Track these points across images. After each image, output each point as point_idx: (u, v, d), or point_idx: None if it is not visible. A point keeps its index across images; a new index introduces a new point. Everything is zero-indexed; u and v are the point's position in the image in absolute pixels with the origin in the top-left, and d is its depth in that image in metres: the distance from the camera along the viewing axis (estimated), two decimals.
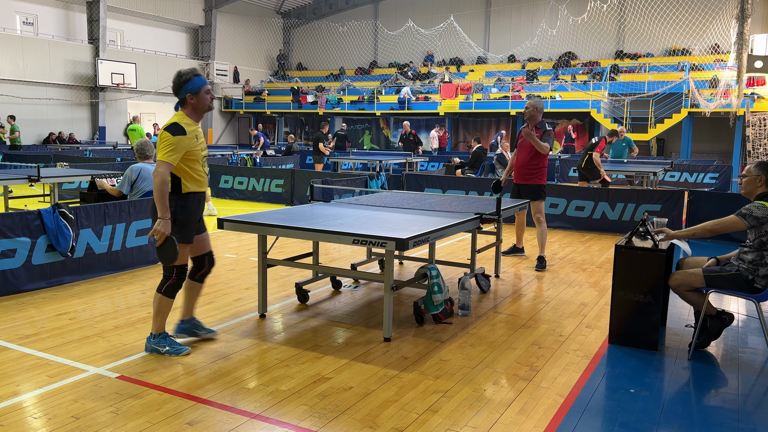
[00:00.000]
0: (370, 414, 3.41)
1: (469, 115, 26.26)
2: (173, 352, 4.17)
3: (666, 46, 25.35)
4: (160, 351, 4.18)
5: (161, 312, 4.18)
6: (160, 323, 4.20)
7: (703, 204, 9.12)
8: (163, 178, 3.90)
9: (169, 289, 4.14)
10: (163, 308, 4.17)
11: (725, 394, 3.79)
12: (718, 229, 4.25)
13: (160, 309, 4.17)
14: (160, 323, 4.20)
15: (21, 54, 22.65)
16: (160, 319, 4.19)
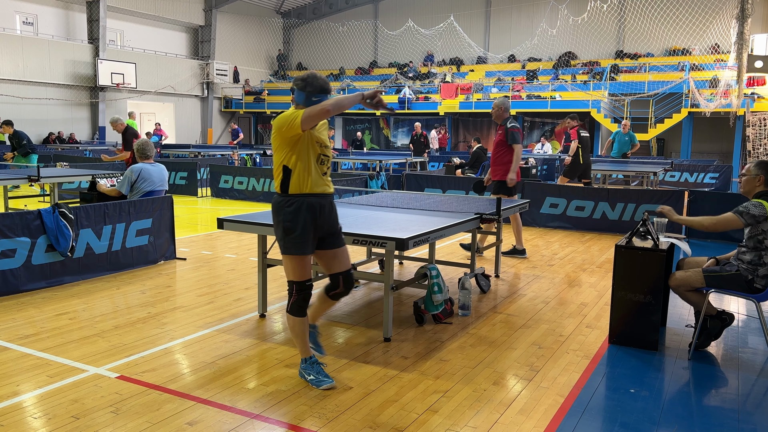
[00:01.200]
0: (370, 414, 3.41)
1: (469, 115, 26.27)
2: (315, 383, 3.71)
3: (666, 46, 25.35)
4: (305, 378, 3.77)
5: (296, 333, 3.76)
6: (301, 346, 3.79)
7: (703, 204, 9.12)
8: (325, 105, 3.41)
9: (294, 308, 3.70)
10: (296, 329, 3.74)
11: (725, 394, 3.79)
12: (717, 226, 4.26)
13: (292, 330, 3.77)
14: (300, 346, 3.79)
15: (21, 54, 22.65)
16: (299, 342, 3.78)
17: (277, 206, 3.66)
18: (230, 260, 7.29)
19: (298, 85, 3.61)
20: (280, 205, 3.65)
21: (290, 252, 3.62)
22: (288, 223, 3.60)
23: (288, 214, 3.60)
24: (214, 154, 18.39)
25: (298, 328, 3.74)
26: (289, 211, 3.60)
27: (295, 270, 3.65)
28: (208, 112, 30.50)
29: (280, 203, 3.65)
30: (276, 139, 3.60)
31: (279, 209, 3.65)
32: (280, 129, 3.55)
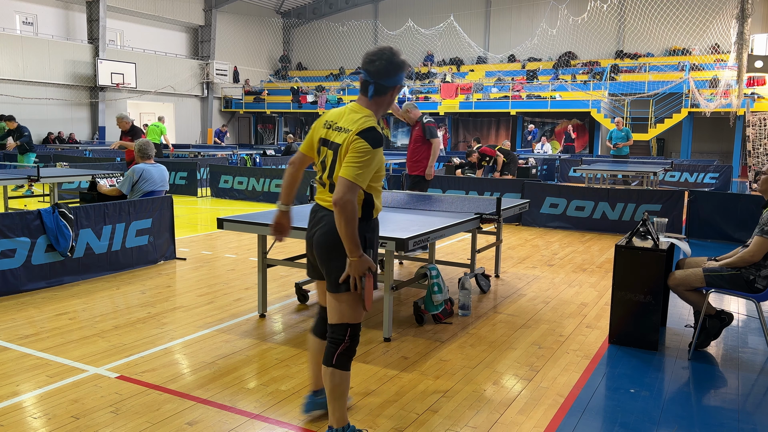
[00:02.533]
0: (370, 414, 3.41)
1: (469, 115, 26.27)
2: None
3: (666, 46, 25.36)
4: None
5: (342, 393, 2.92)
6: (342, 411, 2.94)
7: (704, 204, 9.11)
8: (355, 207, 2.73)
9: (344, 359, 2.90)
10: (344, 388, 2.92)
11: (725, 394, 3.78)
12: (755, 256, 4.17)
13: (338, 389, 2.90)
14: (342, 411, 2.94)
15: (21, 54, 22.66)
16: (341, 404, 2.93)
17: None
18: (230, 260, 7.28)
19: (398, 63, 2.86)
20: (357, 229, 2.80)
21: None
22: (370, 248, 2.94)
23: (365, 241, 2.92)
24: (214, 154, 18.39)
25: (345, 386, 2.93)
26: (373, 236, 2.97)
27: (358, 307, 2.91)
28: (208, 112, 30.51)
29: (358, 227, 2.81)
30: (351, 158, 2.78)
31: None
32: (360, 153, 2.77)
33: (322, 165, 2.97)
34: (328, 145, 2.94)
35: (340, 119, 2.92)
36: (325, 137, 2.97)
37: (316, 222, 2.96)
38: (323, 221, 2.92)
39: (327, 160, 2.94)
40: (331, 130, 2.94)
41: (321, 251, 2.91)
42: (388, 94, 2.93)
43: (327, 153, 2.93)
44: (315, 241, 2.93)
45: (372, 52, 2.88)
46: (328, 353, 2.91)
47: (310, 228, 3.01)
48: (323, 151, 2.97)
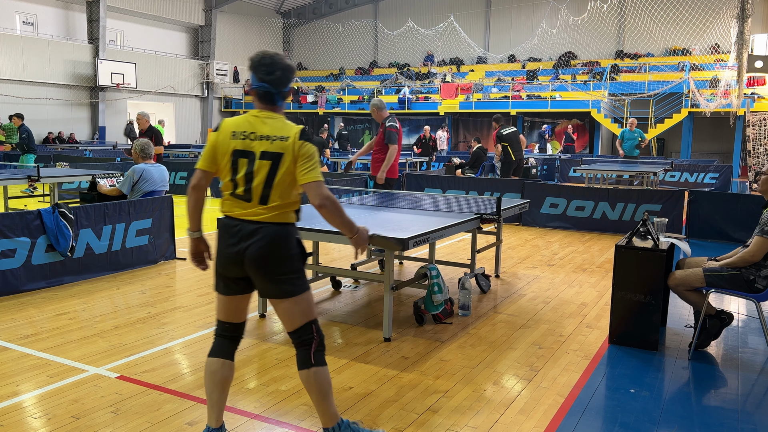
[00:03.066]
0: (370, 414, 3.41)
1: (469, 115, 26.27)
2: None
3: (666, 46, 25.36)
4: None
5: (329, 390, 2.93)
6: (333, 408, 2.94)
7: (704, 204, 9.11)
8: (335, 198, 2.86)
9: (320, 355, 2.93)
10: (329, 383, 2.94)
11: (725, 394, 3.78)
12: (755, 256, 4.16)
13: (324, 386, 2.91)
14: (332, 408, 2.94)
15: (21, 54, 22.66)
16: (330, 401, 2.93)
17: (291, 237, 2.90)
18: None
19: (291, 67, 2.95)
20: (293, 234, 2.91)
21: (307, 286, 2.96)
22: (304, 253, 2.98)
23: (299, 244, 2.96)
24: None
25: (329, 379, 2.94)
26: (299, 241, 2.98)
27: (312, 304, 2.98)
28: (208, 112, 30.52)
29: (293, 233, 2.91)
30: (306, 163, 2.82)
31: (293, 240, 2.90)
32: (311, 156, 2.83)
33: (248, 177, 2.82)
34: (258, 157, 2.81)
35: (257, 129, 2.84)
36: (248, 149, 2.83)
37: (246, 236, 2.81)
38: (257, 234, 2.80)
39: (260, 170, 2.81)
40: (251, 140, 2.83)
41: (263, 263, 2.81)
42: (287, 98, 2.97)
43: (260, 164, 2.81)
44: (251, 255, 2.80)
45: (266, 62, 2.86)
46: (303, 357, 2.89)
47: (235, 244, 2.83)
48: (244, 163, 2.83)
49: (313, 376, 2.88)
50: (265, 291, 2.91)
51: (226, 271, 2.91)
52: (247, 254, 2.82)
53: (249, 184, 2.83)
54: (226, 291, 2.95)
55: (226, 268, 2.90)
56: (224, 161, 2.87)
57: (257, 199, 2.83)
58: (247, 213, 2.84)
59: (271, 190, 2.82)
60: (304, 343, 2.90)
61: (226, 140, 2.87)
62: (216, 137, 2.91)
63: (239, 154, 2.84)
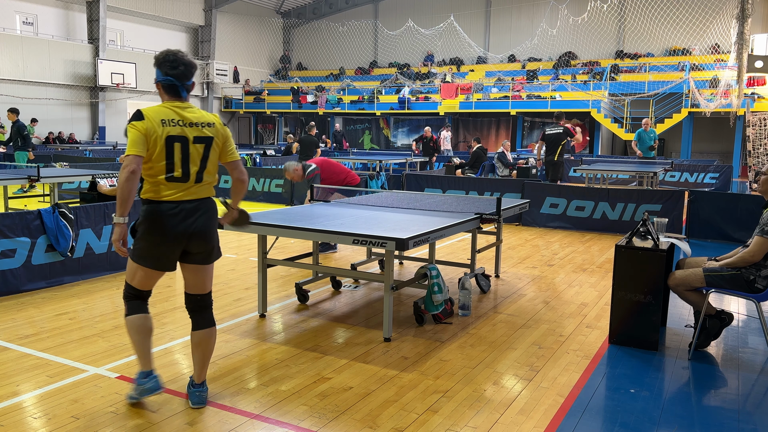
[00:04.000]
0: (370, 414, 3.41)
1: (469, 115, 26.26)
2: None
3: (666, 46, 25.35)
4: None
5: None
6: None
7: (704, 204, 9.11)
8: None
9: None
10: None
11: (725, 394, 3.78)
12: (755, 256, 4.15)
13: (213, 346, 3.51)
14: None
15: (21, 54, 22.66)
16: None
17: (216, 207, 3.40)
18: (230, 260, 7.28)
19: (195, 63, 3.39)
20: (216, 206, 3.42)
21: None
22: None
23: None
24: None
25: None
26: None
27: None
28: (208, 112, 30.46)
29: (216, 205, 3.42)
30: (231, 145, 3.39)
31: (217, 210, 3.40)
32: (231, 139, 3.41)
33: (184, 160, 3.17)
34: (192, 141, 3.19)
35: (183, 117, 3.20)
36: (182, 134, 3.17)
37: (190, 213, 3.21)
38: (200, 209, 3.26)
39: (194, 154, 3.20)
40: (182, 127, 3.17)
41: (207, 236, 3.29)
42: (190, 91, 3.34)
43: (194, 147, 3.20)
44: (200, 229, 3.24)
45: (170, 59, 3.21)
46: (208, 317, 3.39)
47: (179, 223, 3.18)
48: (178, 148, 3.15)
49: (213, 335, 3.41)
50: (203, 259, 3.34)
51: (168, 250, 3.24)
52: (197, 228, 3.23)
53: (186, 167, 3.18)
54: (162, 267, 3.31)
55: (170, 247, 3.24)
56: (158, 147, 3.12)
57: (193, 179, 3.22)
58: (185, 194, 3.21)
59: (205, 170, 3.26)
60: (209, 305, 3.41)
61: (157, 128, 3.13)
62: (145, 125, 3.11)
63: (174, 140, 3.14)
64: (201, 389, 3.45)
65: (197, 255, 3.32)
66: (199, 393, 3.45)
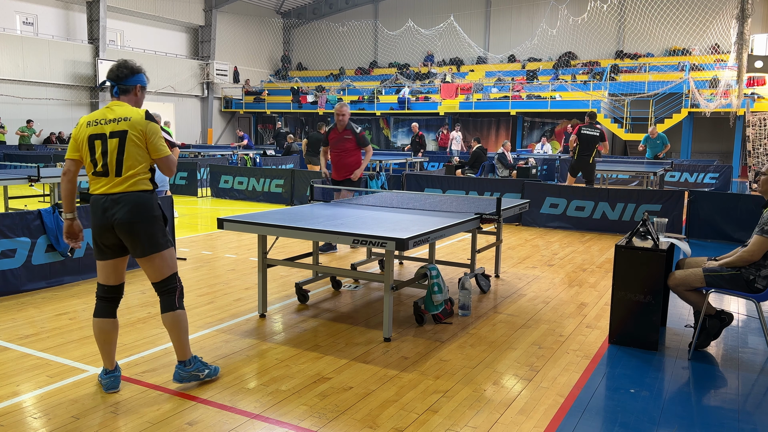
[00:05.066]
0: (370, 414, 3.41)
1: (469, 115, 26.25)
2: (212, 373, 3.79)
3: (666, 46, 25.35)
4: (200, 377, 3.73)
5: (187, 329, 3.70)
6: (188, 345, 3.69)
7: (704, 204, 9.11)
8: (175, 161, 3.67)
9: (182, 301, 3.68)
10: (187, 324, 3.70)
11: (725, 394, 3.79)
12: (754, 255, 4.15)
13: (185, 326, 3.66)
14: (188, 345, 3.69)
15: (21, 54, 22.65)
16: (187, 339, 3.69)
17: (151, 201, 3.52)
18: (230, 260, 7.28)
19: (134, 69, 3.61)
20: (153, 200, 3.54)
21: (171, 243, 3.64)
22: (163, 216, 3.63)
23: (159, 208, 3.61)
24: (215, 155, 18.39)
25: (187, 321, 3.68)
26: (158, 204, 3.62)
27: (174, 259, 3.65)
28: (208, 112, 30.51)
29: (153, 198, 3.55)
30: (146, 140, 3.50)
31: (153, 204, 3.53)
32: (158, 133, 3.52)
33: (102, 155, 3.44)
34: (108, 137, 3.44)
35: (106, 115, 3.48)
36: (99, 132, 3.45)
37: (111, 205, 3.43)
38: (121, 201, 3.43)
39: (113, 148, 3.44)
40: (102, 125, 3.46)
41: (129, 227, 3.44)
42: (129, 92, 3.62)
43: (110, 142, 3.43)
44: (120, 220, 3.43)
45: (112, 68, 3.59)
46: (169, 302, 3.57)
47: (102, 213, 3.45)
48: (98, 144, 3.45)
49: (178, 317, 3.58)
50: (134, 251, 3.52)
51: (101, 239, 3.52)
52: (114, 220, 3.43)
53: (104, 161, 3.45)
54: (102, 257, 3.57)
55: (101, 238, 3.51)
56: (84, 147, 3.48)
57: (113, 173, 3.45)
58: (108, 187, 3.45)
59: (123, 163, 3.44)
60: (170, 291, 3.58)
61: (82, 130, 3.50)
62: (74, 132, 3.53)
63: (94, 138, 3.46)
64: (181, 367, 3.68)
65: (129, 247, 3.54)
66: (179, 371, 3.68)
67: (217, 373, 3.83)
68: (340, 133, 7.63)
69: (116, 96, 3.59)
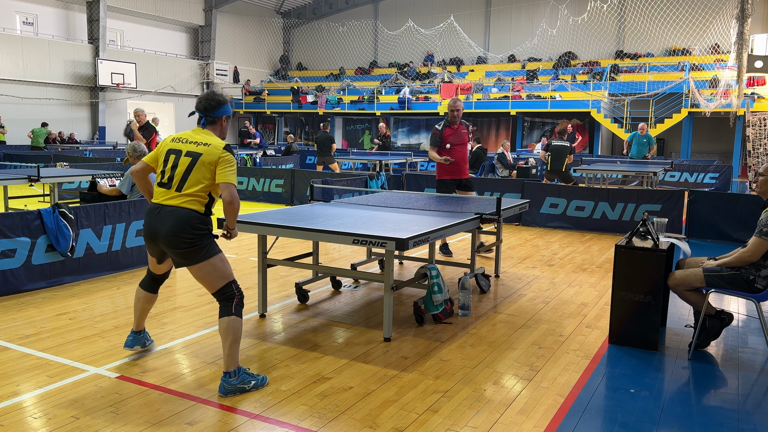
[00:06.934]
0: (370, 414, 3.41)
1: (469, 115, 26.24)
2: (259, 384, 3.73)
3: (666, 46, 25.35)
4: (246, 389, 3.65)
5: (239, 338, 3.66)
6: (237, 355, 3.67)
7: (704, 204, 9.11)
8: (238, 199, 3.69)
9: (240, 308, 3.68)
10: (240, 333, 3.67)
11: (725, 394, 3.79)
12: (753, 256, 4.14)
13: (237, 334, 3.63)
14: (237, 355, 3.66)
15: (21, 54, 22.65)
16: (237, 348, 3.66)
17: (198, 221, 3.62)
18: (230, 260, 7.29)
19: (221, 101, 3.78)
20: (200, 221, 3.63)
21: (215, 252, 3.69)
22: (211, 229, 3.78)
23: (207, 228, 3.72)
24: None
25: (241, 330, 3.67)
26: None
27: (227, 267, 3.72)
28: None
29: (201, 220, 3.64)
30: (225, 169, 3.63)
31: (199, 224, 3.62)
32: (230, 163, 3.65)
33: (173, 169, 3.67)
34: (185, 154, 3.66)
35: (190, 137, 3.73)
36: (177, 148, 3.71)
37: (162, 216, 3.63)
38: (173, 214, 3.61)
39: (183, 165, 3.65)
40: (185, 144, 3.71)
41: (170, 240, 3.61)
42: (215, 123, 3.80)
43: (185, 159, 3.65)
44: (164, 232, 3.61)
45: (200, 98, 3.79)
46: (225, 308, 3.63)
47: (151, 220, 3.68)
48: (171, 158, 3.69)
49: (230, 324, 3.60)
50: (175, 261, 3.72)
51: (147, 241, 3.79)
52: (159, 230, 3.61)
53: (172, 173, 3.65)
54: (149, 252, 3.88)
55: (147, 239, 3.76)
56: (160, 158, 3.74)
57: (175, 187, 3.63)
58: (164, 198, 3.64)
59: (187, 181, 3.61)
60: (228, 298, 3.65)
61: (166, 143, 3.78)
62: (162, 142, 3.81)
63: (171, 152, 3.70)
64: (226, 379, 3.62)
65: (172, 257, 3.74)
66: (224, 383, 3.62)
67: (266, 383, 3.75)
68: (457, 129, 7.46)
69: (203, 126, 3.78)
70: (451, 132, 7.46)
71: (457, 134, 7.46)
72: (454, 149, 7.45)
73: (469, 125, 7.59)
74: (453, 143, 7.45)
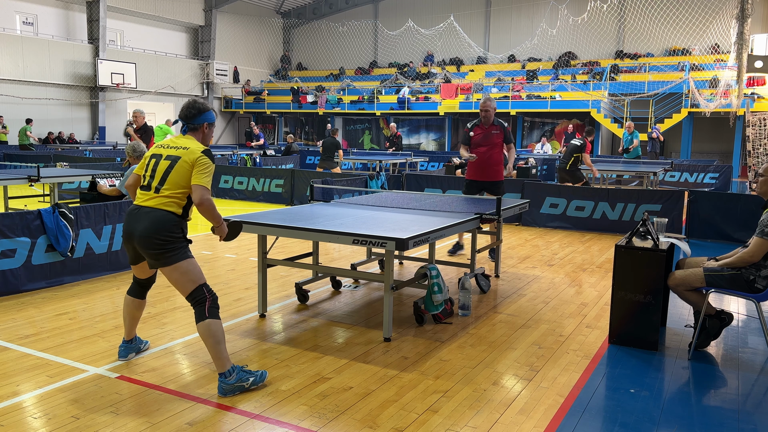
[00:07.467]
0: (370, 414, 3.41)
1: (469, 115, 26.24)
2: (258, 380, 3.74)
3: (666, 46, 25.35)
4: (245, 387, 3.66)
5: (221, 338, 3.66)
6: (225, 354, 3.65)
7: (704, 204, 9.11)
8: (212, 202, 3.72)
9: (214, 310, 3.68)
10: (222, 333, 3.68)
11: (725, 394, 3.79)
12: (754, 256, 4.15)
13: (218, 335, 3.64)
14: (225, 354, 3.65)
15: (21, 54, 22.65)
16: (222, 348, 3.64)
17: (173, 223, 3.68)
18: (230, 260, 7.28)
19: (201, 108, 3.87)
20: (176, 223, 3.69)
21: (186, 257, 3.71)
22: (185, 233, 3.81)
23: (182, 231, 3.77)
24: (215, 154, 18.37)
25: (222, 330, 3.68)
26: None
27: (197, 272, 3.74)
28: None
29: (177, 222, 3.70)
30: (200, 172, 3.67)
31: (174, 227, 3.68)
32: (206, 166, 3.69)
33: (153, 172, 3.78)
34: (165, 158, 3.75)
35: (171, 143, 3.82)
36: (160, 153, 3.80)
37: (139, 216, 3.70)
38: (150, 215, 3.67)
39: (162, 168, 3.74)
40: (166, 149, 3.79)
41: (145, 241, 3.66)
42: (197, 130, 3.88)
43: (165, 162, 3.73)
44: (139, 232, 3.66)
45: (184, 106, 3.90)
46: (199, 313, 3.64)
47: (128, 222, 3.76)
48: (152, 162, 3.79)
49: (208, 327, 3.61)
50: (150, 262, 3.75)
51: (124, 243, 3.83)
52: (134, 230, 3.68)
53: (152, 176, 3.74)
54: (129, 258, 3.92)
55: (125, 241, 3.81)
56: (143, 163, 3.86)
57: (153, 189, 3.71)
58: (143, 200, 3.73)
59: (165, 183, 3.69)
60: (200, 302, 3.66)
61: (150, 149, 3.90)
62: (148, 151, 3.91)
63: (152, 156, 3.82)
64: (222, 380, 3.62)
65: (146, 258, 3.77)
66: (221, 384, 3.62)
67: (265, 378, 3.76)
68: (487, 129, 7.30)
69: (184, 133, 3.89)
70: (480, 132, 7.32)
71: (486, 134, 7.30)
72: (479, 150, 7.31)
73: (506, 125, 7.36)
74: (480, 143, 7.31)
